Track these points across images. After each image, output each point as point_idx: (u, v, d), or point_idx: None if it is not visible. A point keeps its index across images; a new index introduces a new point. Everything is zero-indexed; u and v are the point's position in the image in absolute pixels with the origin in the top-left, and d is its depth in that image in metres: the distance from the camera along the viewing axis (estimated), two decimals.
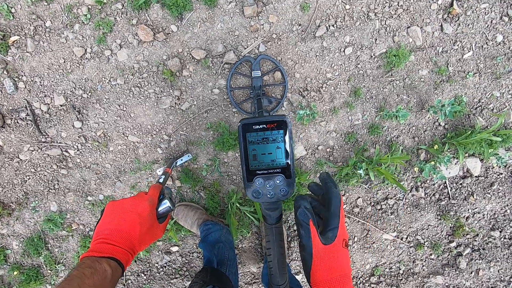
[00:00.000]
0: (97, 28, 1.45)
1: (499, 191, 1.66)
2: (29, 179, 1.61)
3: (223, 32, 1.46)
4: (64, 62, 1.49)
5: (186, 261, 1.71)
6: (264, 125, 0.51)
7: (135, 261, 1.69)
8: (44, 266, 1.70)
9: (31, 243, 1.65)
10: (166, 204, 0.71)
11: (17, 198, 1.63)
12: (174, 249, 1.68)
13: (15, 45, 1.48)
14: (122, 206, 0.65)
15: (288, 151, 0.53)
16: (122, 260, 0.59)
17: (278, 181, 0.53)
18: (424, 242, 1.72)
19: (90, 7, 1.45)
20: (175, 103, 1.52)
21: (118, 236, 0.61)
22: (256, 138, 0.52)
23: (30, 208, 1.63)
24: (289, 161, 0.53)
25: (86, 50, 1.49)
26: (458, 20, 1.48)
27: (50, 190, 1.61)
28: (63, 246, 1.69)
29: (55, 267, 1.69)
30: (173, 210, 0.73)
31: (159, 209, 0.70)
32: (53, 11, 1.45)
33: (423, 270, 1.76)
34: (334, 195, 0.52)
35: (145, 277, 1.71)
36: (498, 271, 1.75)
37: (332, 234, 0.50)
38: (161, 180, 0.86)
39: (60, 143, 1.57)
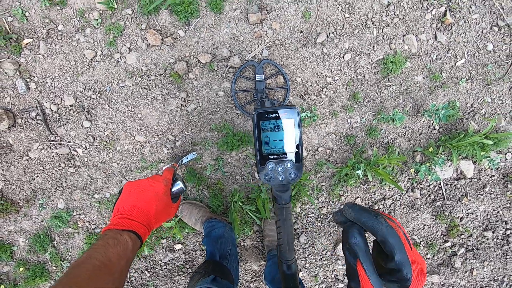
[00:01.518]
0: (108, 32, 1.52)
1: (492, 192, 1.73)
2: (37, 176, 1.65)
3: (228, 37, 1.53)
4: (75, 64, 1.55)
5: (189, 259, 1.75)
6: (276, 114, 0.57)
7: (139, 258, 1.73)
8: (50, 263, 1.73)
9: (38, 239, 1.68)
10: (179, 185, 0.77)
11: (25, 195, 1.67)
12: (178, 246, 1.73)
13: (28, 47, 1.54)
14: (140, 186, 0.71)
15: (298, 137, 0.59)
16: (140, 234, 0.64)
17: (288, 165, 0.59)
18: (420, 241, 1.78)
19: (101, 12, 1.52)
20: (181, 104, 1.58)
21: (136, 212, 0.66)
22: (268, 125, 0.58)
23: (38, 205, 1.67)
24: (298, 147, 0.59)
25: (96, 53, 1.55)
26: (451, 29, 1.56)
27: (57, 187, 1.66)
28: (68, 243, 1.73)
29: (61, 263, 1.72)
30: (185, 191, 0.79)
31: (172, 189, 0.76)
32: (65, 16, 1.52)
33: None
34: (390, 235, 0.38)
35: (148, 275, 1.75)
36: (492, 271, 1.81)
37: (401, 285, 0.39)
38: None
39: (68, 142, 1.62)
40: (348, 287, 0.41)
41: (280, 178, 0.58)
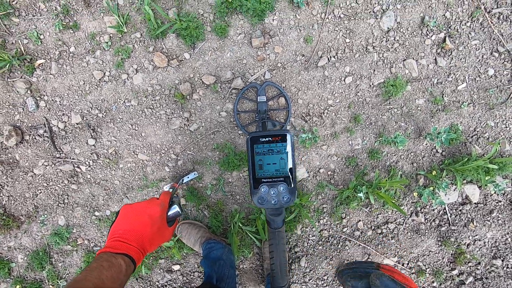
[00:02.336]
0: (117, 54, 1.58)
1: (499, 218, 1.68)
2: (40, 193, 1.67)
3: (232, 60, 1.58)
4: (84, 84, 1.61)
5: (187, 281, 1.71)
6: (270, 138, 0.58)
7: (136, 279, 1.70)
8: (47, 281, 1.71)
9: (36, 256, 1.67)
10: (175, 208, 0.77)
11: (27, 211, 1.68)
12: (176, 267, 1.70)
13: (40, 67, 1.61)
14: (136, 209, 0.72)
15: (291, 161, 0.59)
16: (134, 257, 0.64)
17: (281, 189, 0.59)
18: (426, 268, 1.71)
19: (111, 35, 1.59)
20: (184, 124, 1.61)
21: (131, 235, 0.67)
22: (262, 149, 0.59)
23: (39, 221, 1.68)
24: (291, 171, 0.59)
25: (104, 74, 1.60)
26: (451, 54, 1.59)
27: (59, 204, 1.67)
28: (66, 261, 1.71)
29: (57, 282, 1.70)
30: (181, 214, 0.79)
31: (168, 213, 0.77)
32: (77, 38, 1.59)
33: None
34: None
35: None
36: None
37: None
38: (171, 190, 0.92)
39: (73, 159, 1.65)
40: None
41: (273, 202, 0.58)
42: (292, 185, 0.59)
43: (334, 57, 1.57)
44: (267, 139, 0.58)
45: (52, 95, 1.62)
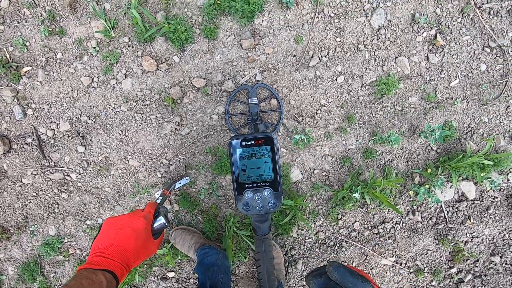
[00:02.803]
0: (105, 59, 1.55)
1: (496, 215, 1.67)
2: (30, 203, 1.63)
3: (222, 62, 1.55)
4: (72, 90, 1.58)
5: (182, 287, 1.68)
6: (253, 141, 0.56)
7: None
8: None
9: (27, 268, 1.64)
10: (161, 220, 0.74)
11: (16, 222, 1.64)
12: (171, 275, 1.67)
13: (26, 75, 1.58)
14: (119, 222, 0.69)
15: (275, 165, 0.57)
16: (117, 273, 0.61)
17: (266, 194, 0.57)
18: (424, 267, 1.70)
19: (99, 40, 1.56)
20: (176, 128, 1.58)
21: (113, 250, 0.64)
22: (245, 153, 0.56)
23: (29, 232, 1.64)
24: (276, 175, 0.57)
25: (93, 79, 1.58)
26: (442, 51, 1.58)
27: (49, 214, 1.63)
28: (58, 271, 1.68)
29: None
30: (167, 226, 0.76)
31: (154, 225, 0.74)
32: (64, 44, 1.56)
33: None
34: None
35: None
36: None
37: None
38: (158, 201, 0.89)
39: (62, 167, 1.61)
40: None
41: (258, 208, 0.56)
42: (278, 190, 0.57)
43: (325, 56, 1.56)
44: (249, 142, 0.56)
45: (39, 103, 1.59)
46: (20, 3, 1.53)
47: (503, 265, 1.70)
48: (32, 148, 1.60)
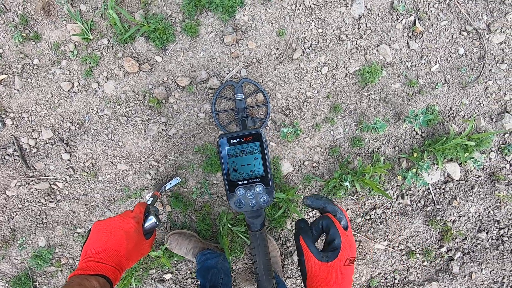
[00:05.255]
0: (84, 63, 1.51)
1: (480, 193, 1.73)
2: (16, 215, 1.58)
3: (205, 59, 1.54)
4: (52, 96, 1.53)
5: None
6: (241, 139, 0.56)
7: None
8: None
9: (18, 282, 1.59)
10: (151, 220, 0.73)
11: (3, 235, 1.59)
12: (168, 276, 1.66)
13: (2, 83, 1.52)
14: (109, 225, 0.68)
15: (265, 160, 0.57)
16: (110, 277, 0.60)
17: (258, 190, 0.57)
18: (416, 249, 1.75)
19: (76, 44, 1.51)
20: (162, 129, 1.56)
21: (105, 253, 0.62)
22: (234, 151, 0.56)
23: (17, 245, 1.59)
24: (267, 170, 0.57)
25: (73, 84, 1.53)
26: (422, 37, 1.61)
27: (38, 225, 1.59)
28: (52, 282, 1.64)
29: None
30: (158, 225, 0.75)
31: (145, 225, 0.73)
32: (40, 49, 1.51)
33: (418, 278, 1.77)
34: (324, 218, 0.56)
35: None
36: (490, 273, 1.78)
37: (332, 254, 0.54)
38: (149, 202, 0.88)
39: (48, 176, 1.57)
40: (298, 262, 0.56)
41: (250, 204, 0.57)
42: (269, 185, 0.57)
43: (308, 48, 1.56)
44: (238, 140, 0.56)
45: (18, 111, 1.53)
46: None
47: (489, 240, 1.77)
48: (14, 159, 1.55)
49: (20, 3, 1.46)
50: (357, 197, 1.68)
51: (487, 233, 1.76)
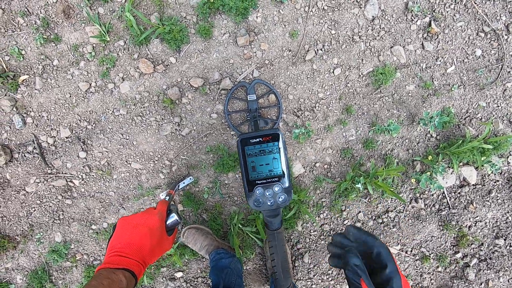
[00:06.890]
0: (101, 64, 1.56)
1: (498, 198, 1.68)
2: (34, 211, 1.64)
3: (218, 61, 1.56)
4: (70, 96, 1.58)
5: (191, 287, 1.69)
6: (260, 139, 0.57)
7: None
8: None
9: (35, 276, 1.64)
10: (174, 217, 0.75)
11: (22, 230, 1.65)
12: (179, 274, 1.67)
13: (24, 83, 1.58)
14: (133, 221, 0.70)
15: (284, 160, 0.58)
16: (135, 271, 0.62)
17: (276, 189, 0.58)
18: (430, 254, 1.71)
19: (94, 45, 1.56)
20: (176, 129, 1.59)
21: (130, 249, 0.64)
22: (253, 150, 0.57)
23: (35, 240, 1.65)
24: (285, 170, 0.58)
25: (90, 85, 1.58)
26: (437, 38, 1.58)
27: (55, 220, 1.64)
28: (67, 277, 1.68)
29: None
30: (180, 223, 0.77)
31: (167, 222, 0.75)
32: (60, 51, 1.56)
33: (432, 284, 1.73)
34: (381, 246, 0.51)
35: None
36: (508, 281, 1.72)
37: None
38: (167, 198, 0.90)
39: (65, 173, 1.62)
40: None
41: (269, 203, 0.57)
42: (287, 184, 0.58)
43: (321, 49, 1.56)
44: (257, 139, 0.57)
45: (38, 111, 1.59)
46: (13, 12, 1.53)
47: (508, 247, 1.71)
48: (34, 156, 1.61)
49: (42, 6, 1.52)
50: (369, 200, 1.66)
51: (505, 239, 1.70)
